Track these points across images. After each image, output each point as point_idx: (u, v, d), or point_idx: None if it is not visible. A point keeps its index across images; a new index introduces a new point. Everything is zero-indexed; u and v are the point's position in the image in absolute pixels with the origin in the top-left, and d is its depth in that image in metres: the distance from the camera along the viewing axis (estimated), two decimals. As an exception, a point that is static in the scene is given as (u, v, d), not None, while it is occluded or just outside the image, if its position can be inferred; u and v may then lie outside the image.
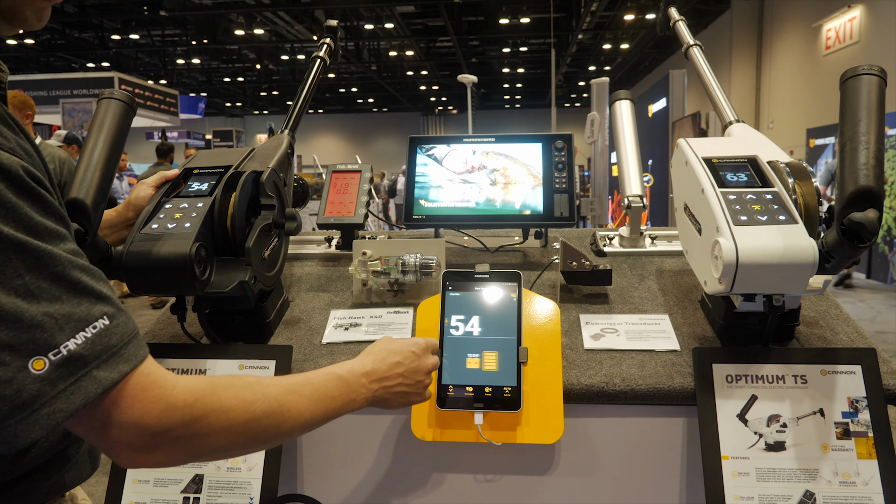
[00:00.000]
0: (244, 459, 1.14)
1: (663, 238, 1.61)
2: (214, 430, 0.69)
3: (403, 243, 1.38)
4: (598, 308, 1.35)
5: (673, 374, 1.16)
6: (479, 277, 1.19)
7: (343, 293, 1.45)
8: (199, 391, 0.69)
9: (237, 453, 0.76)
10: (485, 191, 1.50)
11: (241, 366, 1.19)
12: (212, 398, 0.69)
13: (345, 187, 1.60)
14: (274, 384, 0.78)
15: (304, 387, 0.80)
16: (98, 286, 0.64)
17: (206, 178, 1.23)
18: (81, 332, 0.61)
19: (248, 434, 0.73)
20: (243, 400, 0.72)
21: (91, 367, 0.61)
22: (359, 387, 0.88)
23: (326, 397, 0.83)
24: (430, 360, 0.99)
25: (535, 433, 1.11)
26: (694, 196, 1.16)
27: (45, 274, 0.60)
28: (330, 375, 0.86)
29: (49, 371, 0.58)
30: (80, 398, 0.60)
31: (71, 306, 0.61)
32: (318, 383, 0.83)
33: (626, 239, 1.58)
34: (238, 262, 1.16)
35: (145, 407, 0.64)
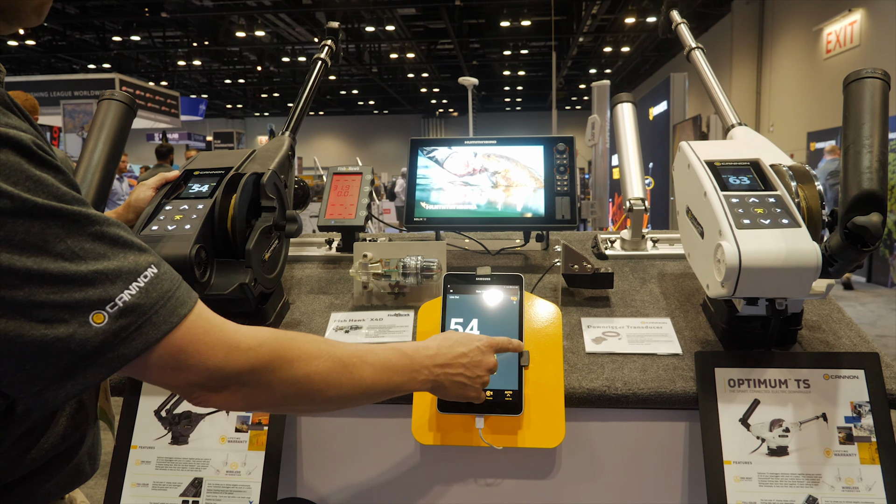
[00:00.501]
0: (243, 463, 1.14)
1: (665, 241, 1.61)
2: (279, 378, 0.72)
3: (404, 246, 1.38)
4: (599, 311, 1.34)
5: (675, 378, 1.16)
6: (481, 280, 1.19)
7: (343, 295, 1.44)
8: (262, 338, 0.71)
9: (301, 409, 0.80)
10: (486, 193, 1.50)
11: None
12: (276, 345, 0.72)
13: (345, 189, 1.59)
14: (338, 346, 0.80)
15: (368, 354, 0.82)
16: (136, 240, 0.67)
17: (207, 179, 1.23)
18: (134, 282, 0.63)
19: (311, 388, 0.75)
20: (307, 352, 0.75)
21: (150, 313, 0.64)
22: (422, 367, 0.89)
23: (389, 369, 0.84)
24: (493, 359, 0.99)
25: (537, 437, 1.10)
26: (696, 199, 1.16)
27: (85, 235, 0.62)
28: (395, 350, 0.87)
29: (109, 323, 0.61)
30: (142, 342, 0.63)
31: (118, 261, 0.63)
32: (383, 354, 0.84)
33: (627, 242, 1.58)
34: (238, 264, 1.16)
35: (210, 349, 0.67)
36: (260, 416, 1.17)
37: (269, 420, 1.17)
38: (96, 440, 0.88)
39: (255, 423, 1.16)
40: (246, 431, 1.16)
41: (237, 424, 1.16)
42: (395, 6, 14.47)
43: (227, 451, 1.15)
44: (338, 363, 0.77)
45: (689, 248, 1.22)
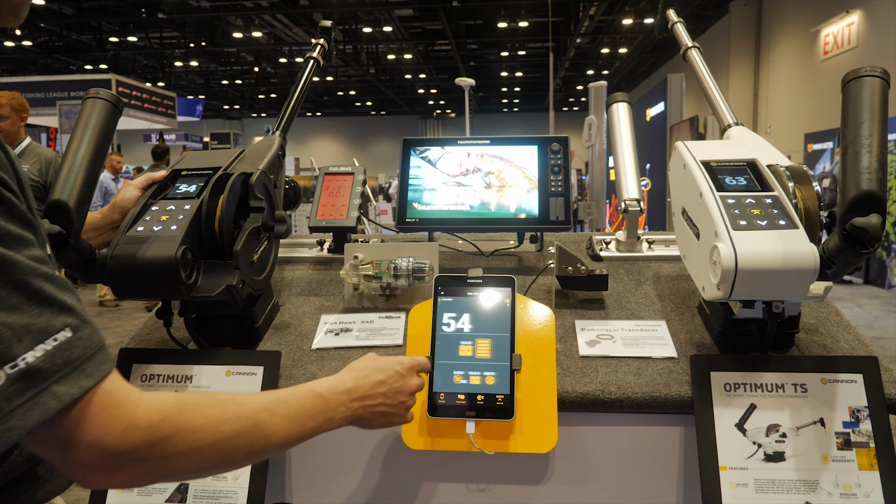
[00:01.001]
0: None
1: (661, 243, 1.59)
2: (181, 451, 0.66)
3: (396, 247, 1.36)
4: (593, 314, 1.33)
5: (670, 381, 1.14)
6: (472, 282, 1.17)
7: (334, 297, 1.43)
8: (164, 410, 0.65)
9: (206, 474, 0.72)
10: (479, 194, 1.48)
11: (228, 371, 1.17)
12: (178, 417, 0.66)
13: (337, 190, 1.57)
14: (247, 402, 0.74)
15: (279, 405, 0.77)
16: (62, 296, 0.61)
17: (194, 179, 1.21)
18: (41, 344, 0.57)
19: (218, 455, 0.69)
20: (212, 419, 0.69)
21: (51, 381, 0.58)
22: (338, 405, 0.85)
23: (303, 416, 0.79)
24: (415, 381, 0.96)
25: (529, 442, 1.09)
26: (692, 200, 1.14)
27: (4, 282, 0.57)
28: (308, 393, 0.82)
29: (5, 385, 0.55)
30: (37, 414, 0.57)
31: (31, 317, 0.58)
32: (295, 401, 0.80)
33: (622, 243, 1.56)
34: (226, 265, 1.14)
35: (106, 426, 0.61)
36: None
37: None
38: None
39: None
40: None
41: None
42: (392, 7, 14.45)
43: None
44: (246, 423, 0.72)
45: (685, 249, 1.21)
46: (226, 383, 1.16)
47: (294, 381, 1.18)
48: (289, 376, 1.20)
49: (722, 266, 0.97)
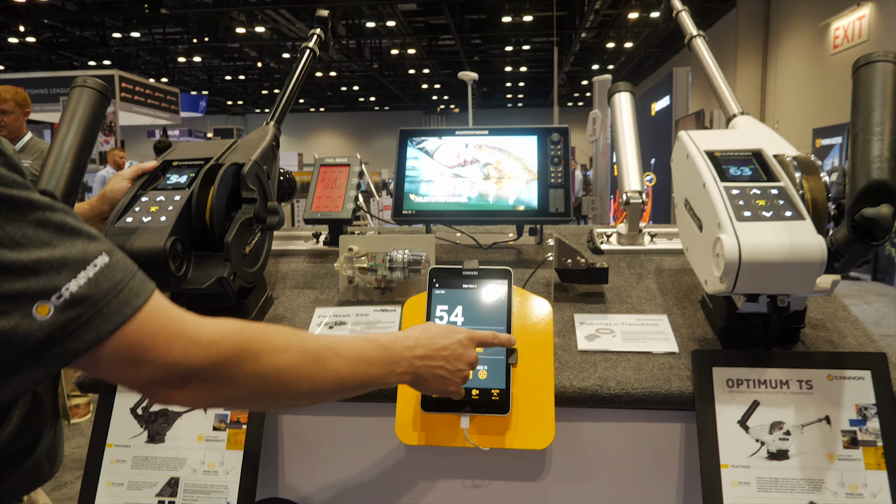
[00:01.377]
0: (221, 462, 1.10)
1: (663, 235, 1.57)
2: (245, 373, 0.67)
3: (392, 239, 1.34)
4: (593, 308, 1.31)
5: (671, 377, 1.12)
6: (468, 274, 1.15)
7: (329, 290, 1.41)
8: (226, 330, 0.67)
9: (272, 405, 0.75)
10: (477, 185, 1.46)
11: None
12: (241, 337, 0.68)
13: (332, 181, 1.55)
14: (309, 337, 0.76)
15: (342, 346, 0.78)
16: (86, 227, 0.62)
17: (185, 170, 1.20)
18: (82, 271, 0.59)
19: (280, 383, 0.70)
20: (274, 345, 0.70)
21: (100, 304, 0.59)
22: (401, 358, 0.84)
23: (365, 361, 0.79)
24: (474, 354, 0.94)
25: (525, 438, 1.07)
26: (695, 191, 1.12)
27: (26, 221, 0.58)
28: (371, 342, 0.83)
29: (55, 315, 0.57)
30: (91, 336, 0.59)
31: (64, 249, 0.59)
32: (358, 346, 0.80)
33: (624, 236, 1.54)
34: (217, 257, 1.13)
35: (169, 343, 0.63)
36: (238, 415, 1.13)
37: (248, 418, 1.13)
38: (57, 439, 0.84)
39: (233, 422, 1.13)
40: (224, 430, 1.12)
41: (215, 423, 1.13)
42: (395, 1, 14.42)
43: (205, 451, 1.11)
44: (309, 356, 0.73)
45: (688, 241, 1.19)
46: None
47: None
48: None
49: (725, 258, 0.95)
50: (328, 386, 0.75)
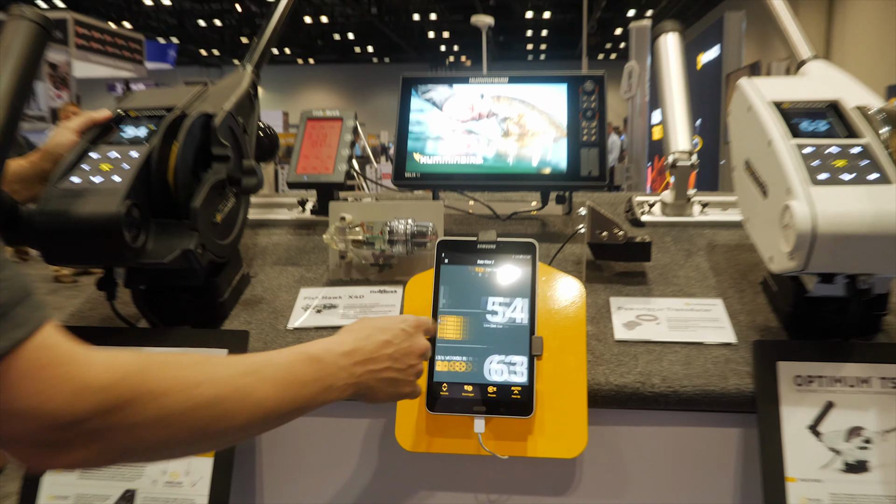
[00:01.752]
0: (186, 472, 1.08)
1: (716, 205, 1.55)
2: (145, 419, 0.61)
3: (392, 206, 1.31)
4: (633, 290, 1.29)
5: (727, 373, 1.09)
6: (484, 248, 1.12)
7: (317, 268, 1.39)
8: (123, 369, 0.61)
9: (179, 452, 0.69)
10: (495, 143, 1.43)
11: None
12: (141, 378, 0.62)
13: (322, 138, 1.52)
14: (226, 364, 0.71)
15: (265, 368, 0.73)
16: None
17: (144, 122, 1.18)
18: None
19: (192, 426, 0.65)
20: (184, 381, 0.65)
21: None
22: (338, 370, 0.80)
23: (296, 382, 0.75)
24: (423, 342, 0.92)
25: (552, 445, 1.04)
26: (758, 150, 1.09)
27: None
28: (300, 355, 0.78)
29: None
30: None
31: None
32: (285, 364, 0.75)
33: (669, 206, 1.51)
34: (182, 226, 1.11)
35: (50, 389, 0.57)
36: None
37: None
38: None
39: None
40: None
41: None
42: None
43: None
44: (227, 387, 0.68)
45: (748, 211, 1.16)
46: None
47: None
48: None
49: (796, 230, 0.92)
50: (253, 420, 0.70)
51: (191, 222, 1.09)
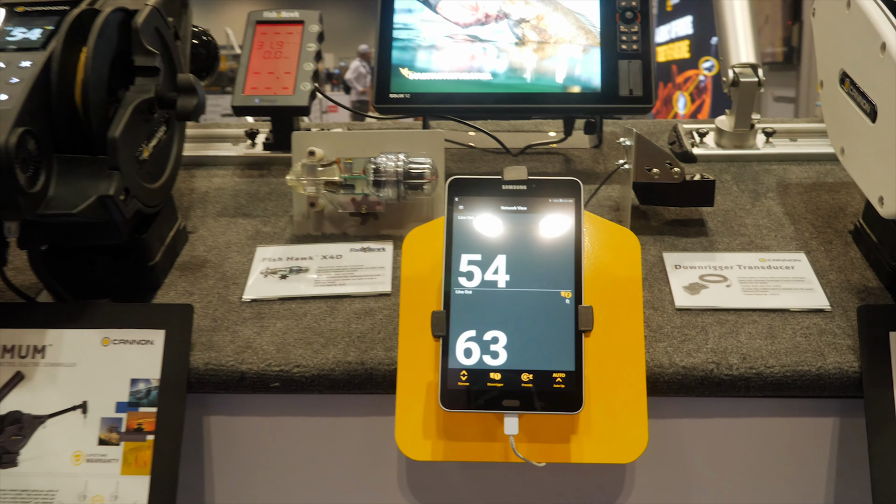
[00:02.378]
0: (114, 494, 1.01)
1: (784, 134, 1.49)
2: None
3: (376, 137, 1.23)
4: (690, 243, 1.22)
5: (823, 347, 1.03)
6: (512, 190, 1.01)
7: (277, 220, 1.32)
8: None
9: None
10: (507, 54, 1.37)
11: (105, 339, 1.05)
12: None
13: (277, 48, 1.44)
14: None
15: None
16: None
17: (38, 19, 1.07)
18: None
19: None
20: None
21: None
22: None
23: None
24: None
25: (602, 447, 0.97)
26: (864, 58, 1.02)
27: None
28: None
29: None
30: None
31: None
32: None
33: (727, 135, 1.46)
34: (96, 164, 1.01)
35: None
36: (140, 419, 1.02)
37: (157, 422, 1.03)
38: None
39: (131, 430, 1.02)
40: (117, 444, 1.02)
41: (101, 433, 1.03)
42: None
43: (86, 477, 1.02)
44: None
45: (845, 139, 1.11)
46: (102, 359, 1.04)
47: (217, 352, 1.06)
48: (208, 345, 1.07)
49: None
50: None
51: (110, 159, 0.99)
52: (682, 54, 8.26)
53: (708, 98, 7.70)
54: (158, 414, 1.03)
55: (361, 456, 1.09)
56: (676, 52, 8.35)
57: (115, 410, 1.02)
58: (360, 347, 1.03)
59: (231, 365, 1.02)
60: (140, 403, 1.01)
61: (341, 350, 1.03)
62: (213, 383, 1.02)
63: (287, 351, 1.03)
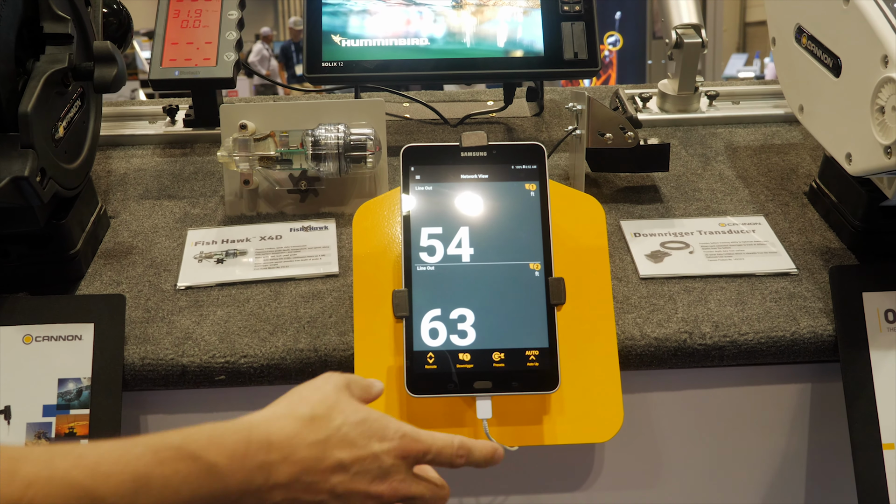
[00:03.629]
0: None
1: (726, 97, 1.48)
2: None
3: (313, 108, 1.16)
4: (647, 210, 1.21)
5: (795, 312, 1.03)
6: (471, 157, 0.96)
7: (207, 200, 1.25)
8: None
9: None
10: (444, 18, 1.32)
11: (27, 336, 0.99)
12: None
13: (196, 16, 1.36)
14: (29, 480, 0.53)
15: (123, 484, 0.55)
16: None
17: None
18: None
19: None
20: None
21: None
22: (243, 485, 0.61)
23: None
24: (417, 487, 0.70)
25: (577, 427, 0.94)
26: (823, 12, 1.01)
27: None
28: (185, 459, 0.59)
29: None
30: None
31: None
32: (156, 480, 0.57)
33: (671, 99, 1.43)
34: (6, 142, 0.94)
35: None
36: (71, 422, 0.96)
37: (91, 425, 0.97)
38: None
39: (62, 435, 0.96)
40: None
41: (28, 440, 0.97)
42: None
43: None
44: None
45: (803, 96, 1.10)
46: (25, 358, 0.97)
47: (154, 345, 0.99)
48: (143, 338, 1.00)
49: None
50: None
51: (22, 137, 0.92)
52: (586, 30, 8.40)
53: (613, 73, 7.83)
54: (92, 415, 0.97)
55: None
56: (581, 28, 8.48)
57: (42, 414, 0.96)
58: (311, 333, 0.98)
59: (170, 358, 0.95)
60: (70, 405, 0.95)
61: (291, 337, 0.97)
62: (151, 379, 0.96)
63: (231, 340, 0.97)
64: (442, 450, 0.71)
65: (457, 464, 0.72)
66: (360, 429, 0.67)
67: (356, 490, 0.66)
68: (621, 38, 7.28)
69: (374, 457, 0.67)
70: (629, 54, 7.17)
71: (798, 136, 1.34)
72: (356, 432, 0.67)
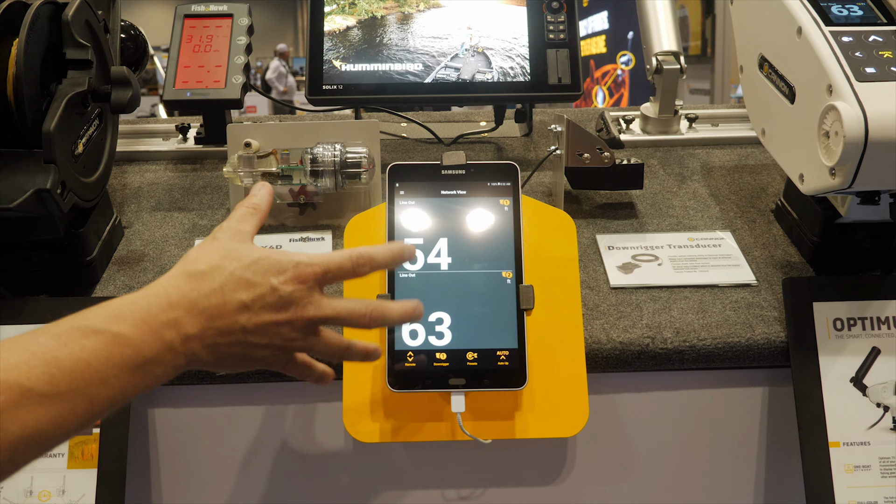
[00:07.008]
0: (61, 488, 0.99)
1: (706, 119, 1.54)
2: None
3: (312, 128, 1.22)
4: (621, 225, 1.26)
5: (751, 320, 1.08)
6: (451, 175, 1.04)
7: (213, 212, 1.30)
8: None
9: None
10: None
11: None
12: None
13: (207, 42, 1.41)
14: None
15: (35, 368, 0.59)
16: None
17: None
18: None
19: None
20: None
21: None
22: (160, 349, 0.65)
23: (85, 379, 0.60)
24: (322, 305, 0.72)
25: (545, 422, 1.00)
26: (781, 43, 1.06)
27: None
28: (88, 335, 0.62)
29: None
30: None
31: None
32: (64, 346, 0.60)
33: (652, 121, 1.49)
34: (31, 158, 0.99)
35: None
36: None
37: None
38: None
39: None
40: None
41: None
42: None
43: (31, 473, 0.99)
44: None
45: (765, 121, 1.14)
46: None
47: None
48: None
49: (845, 136, 0.89)
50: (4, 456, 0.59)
51: (45, 153, 0.97)
52: (599, 49, 8.37)
53: (626, 92, 7.82)
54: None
55: (309, 442, 1.09)
56: (594, 47, 8.46)
57: (58, 405, 1.01)
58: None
59: (175, 356, 1.01)
60: (84, 397, 0.99)
61: (287, 337, 1.04)
62: (158, 375, 1.02)
63: (232, 340, 1.03)
64: (341, 264, 0.73)
65: (362, 271, 0.74)
66: (255, 268, 0.70)
67: (264, 322, 0.69)
68: (633, 57, 7.28)
69: (272, 289, 0.69)
70: (641, 73, 7.16)
71: (770, 158, 1.39)
72: (250, 272, 0.70)
